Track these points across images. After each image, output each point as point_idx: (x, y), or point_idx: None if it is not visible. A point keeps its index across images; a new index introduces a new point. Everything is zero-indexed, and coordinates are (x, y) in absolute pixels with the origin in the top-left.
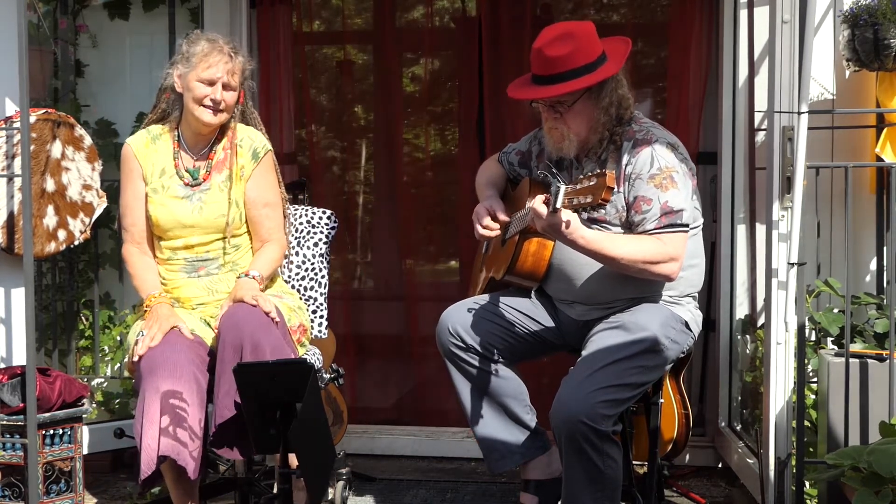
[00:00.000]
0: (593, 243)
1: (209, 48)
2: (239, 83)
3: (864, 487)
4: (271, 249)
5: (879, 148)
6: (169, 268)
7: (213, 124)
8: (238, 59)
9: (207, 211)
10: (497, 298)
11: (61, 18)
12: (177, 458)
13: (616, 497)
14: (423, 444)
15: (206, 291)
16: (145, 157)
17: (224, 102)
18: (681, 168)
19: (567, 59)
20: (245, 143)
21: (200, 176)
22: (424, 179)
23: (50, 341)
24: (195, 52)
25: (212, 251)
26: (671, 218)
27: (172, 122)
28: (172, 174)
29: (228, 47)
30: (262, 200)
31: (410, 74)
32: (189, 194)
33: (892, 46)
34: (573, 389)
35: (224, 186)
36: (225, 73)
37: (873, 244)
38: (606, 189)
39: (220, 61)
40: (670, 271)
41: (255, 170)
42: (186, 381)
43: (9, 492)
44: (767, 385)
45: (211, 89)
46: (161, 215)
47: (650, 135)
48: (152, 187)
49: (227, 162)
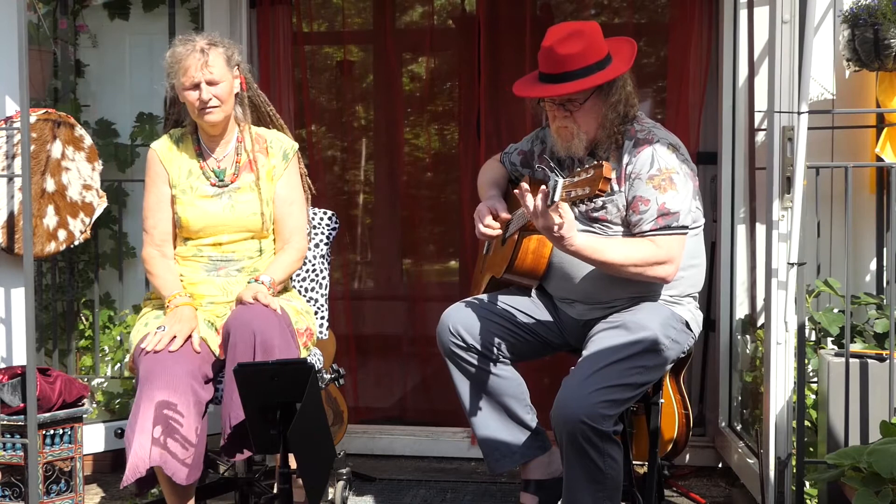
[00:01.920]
0: (586, 249)
1: (181, 53)
2: (224, 73)
3: (864, 487)
4: (289, 254)
5: (879, 148)
6: (190, 264)
7: (215, 122)
8: (215, 50)
9: (239, 210)
10: (498, 298)
11: (61, 18)
12: (164, 467)
13: (616, 497)
14: (423, 444)
15: (220, 291)
16: (170, 160)
17: (215, 98)
18: (681, 169)
19: (578, 58)
20: (275, 145)
21: (227, 177)
22: (424, 179)
23: (50, 341)
24: (171, 62)
25: (237, 251)
26: (668, 220)
27: (189, 127)
28: (199, 175)
29: (203, 42)
30: (290, 199)
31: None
32: (218, 193)
33: (892, 46)
34: (574, 389)
35: (255, 186)
36: (201, 72)
37: (873, 244)
38: (603, 180)
39: (192, 63)
40: (665, 274)
41: (286, 169)
42: (183, 392)
43: (9, 492)
44: (767, 385)
45: (197, 92)
46: (191, 215)
47: (651, 135)
48: (181, 189)
49: (257, 162)
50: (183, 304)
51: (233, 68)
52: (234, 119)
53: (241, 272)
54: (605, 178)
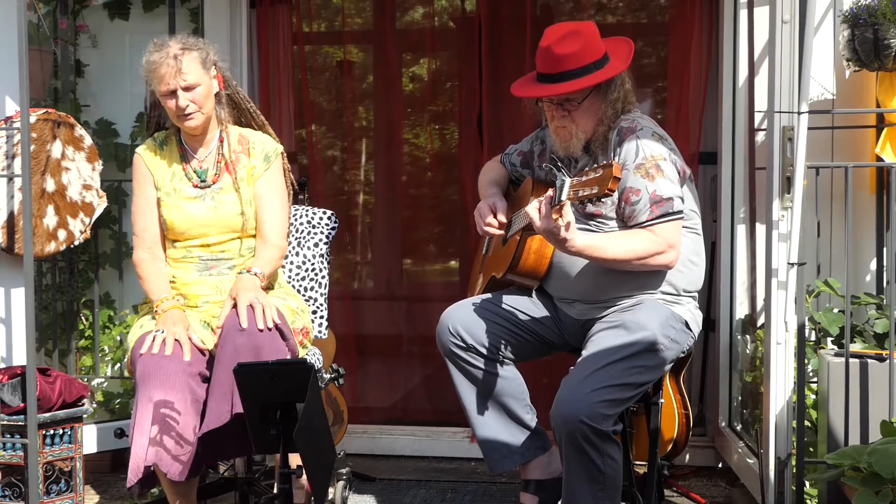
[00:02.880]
0: (588, 249)
1: (154, 61)
2: (200, 76)
3: (864, 487)
4: (271, 251)
5: (879, 148)
6: (182, 265)
7: (196, 127)
8: (189, 55)
9: (222, 210)
10: (498, 298)
11: (61, 18)
12: (160, 465)
13: (616, 497)
14: (423, 444)
15: (213, 290)
16: (155, 163)
17: (192, 104)
18: (668, 156)
19: (576, 57)
20: (258, 147)
21: (209, 177)
22: (424, 179)
23: (50, 341)
24: (147, 70)
25: (227, 251)
26: (662, 207)
27: (172, 129)
28: (182, 176)
29: (177, 48)
30: (265, 199)
31: (410, 74)
32: (201, 194)
33: (892, 46)
34: (573, 389)
35: (236, 186)
36: (174, 79)
37: (873, 244)
38: (613, 179)
39: (166, 71)
40: (669, 260)
41: (266, 171)
42: (179, 390)
43: (9, 492)
44: (767, 385)
45: (173, 99)
46: (175, 217)
47: (635, 123)
48: (165, 192)
49: (238, 163)
50: (171, 308)
51: (209, 69)
52: (216, 118)
53: (232, 269)
54: (614, 178)
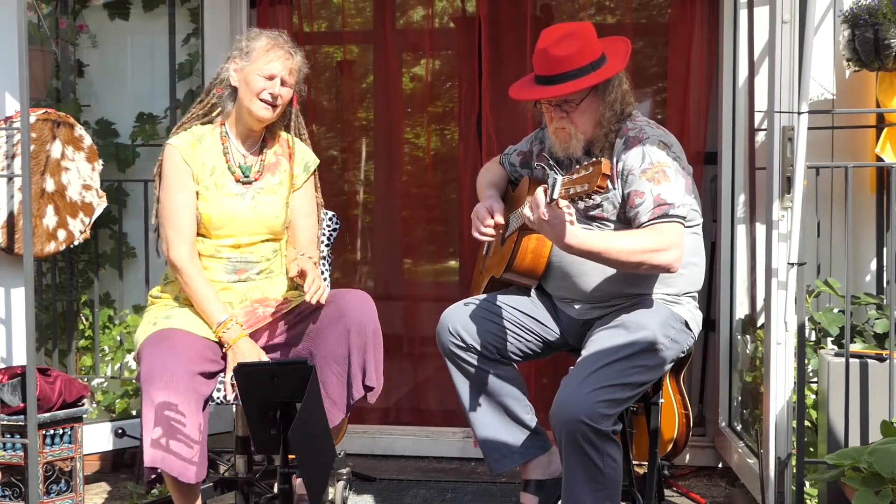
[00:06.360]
0: (586, 244)
1: (271, 44)
2: (294, 82)
3: (865, 487)
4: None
5: (879, 148)
6: (210, 263)
7: (267, 119)
8: (296, 59)
9: (262, 210)
10: (497, 298)
11: (61, 18)
12: (165, 468)
13: (616, 497)
14: (423, 444)
15: (239, 297)
16: (193, 157)
17: (280, 98)
18: (673, 164)
19: (573, 58)
20: (299, 154)
21: (252, 174)
22: (424, 179)
23: (50, 341)
24: (255, 46)
25: (255, 253)
26: (664, 209)
27: (220, 119)
28: (224, 170)
29: (288, 45)
30: (304, 211)
31: (410, 74)
32: (243, 192)
33: (892, 46)
34: (573, 389)
35: (278, 189)
36: (284, 69)
37: (873, 244)
38: (602, 176)
39: (280, 57)
40: (671, 259)
41: (305, 181)
42: (183, 391)
43: (9, 492)
44: (767, 385)
45: (270, 83)
46: (214, 213)
47: (643, 133)
48: (204, 185)
49: (279, 166)
50: (240, 338)
51: (300, 83)
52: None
53: (259, 275)
54: (603, 175)
